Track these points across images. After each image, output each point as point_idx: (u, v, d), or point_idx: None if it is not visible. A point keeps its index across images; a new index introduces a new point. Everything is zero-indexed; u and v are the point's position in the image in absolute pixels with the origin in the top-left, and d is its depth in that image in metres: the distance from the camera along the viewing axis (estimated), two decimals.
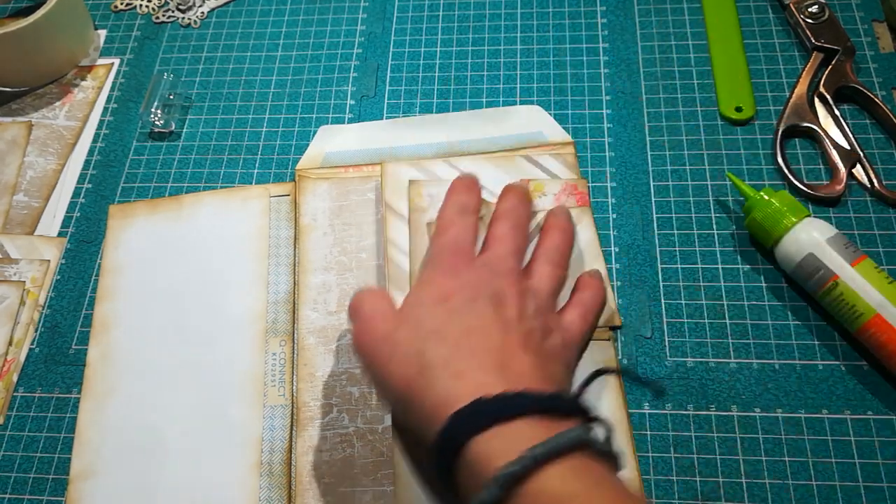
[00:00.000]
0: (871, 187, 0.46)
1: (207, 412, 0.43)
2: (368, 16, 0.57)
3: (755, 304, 0.43)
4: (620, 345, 0.42)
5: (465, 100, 0.52)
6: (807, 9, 0.51)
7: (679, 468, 0.39)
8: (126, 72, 0.57)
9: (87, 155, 0.53)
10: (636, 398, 0.41)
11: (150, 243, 0.49)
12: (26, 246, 0.50)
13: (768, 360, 0.41)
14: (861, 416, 0.39)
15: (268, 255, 0.47)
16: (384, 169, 0.47)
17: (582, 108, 0.51)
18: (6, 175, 0.53)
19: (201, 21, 0.59)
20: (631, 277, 0.44)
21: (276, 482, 0.40)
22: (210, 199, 0.50)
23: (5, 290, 0.48)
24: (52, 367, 0.45)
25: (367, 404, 0.42)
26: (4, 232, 0.50)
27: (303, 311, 0.45)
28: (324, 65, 0.55)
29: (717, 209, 0.46)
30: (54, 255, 0.49)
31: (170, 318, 0.46)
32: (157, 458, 0.42)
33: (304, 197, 0.48)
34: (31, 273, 0.49)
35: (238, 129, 0.53)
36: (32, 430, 0.44)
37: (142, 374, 0.44)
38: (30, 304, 0.48)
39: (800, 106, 0.48)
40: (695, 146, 0.49)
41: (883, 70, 0.50)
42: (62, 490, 0.42)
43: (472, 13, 0.56)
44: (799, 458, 0.39)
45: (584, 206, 0.46)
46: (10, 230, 0.51)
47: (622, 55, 0.53)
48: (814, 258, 0.40)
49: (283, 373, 0.43)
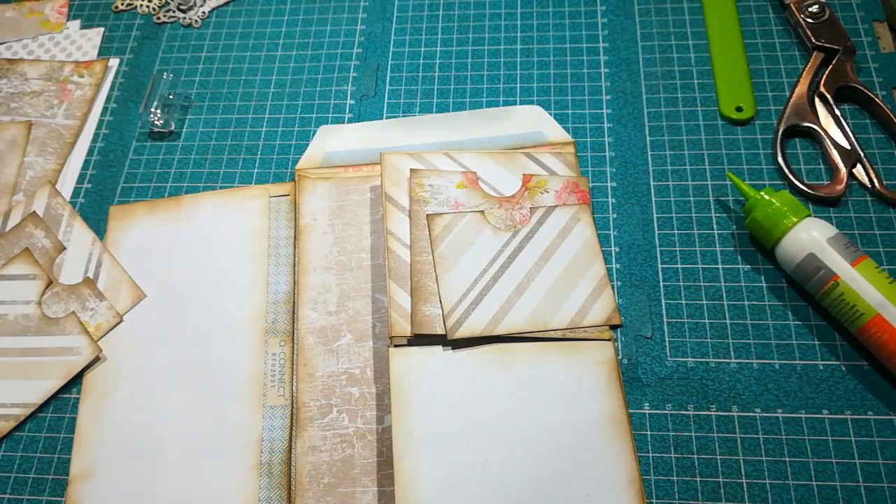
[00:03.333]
0: (871, 187, 0.46)
1: (207, 412, 0.43)
2: (368, 16, 0.57)
3: (755, 304, 0.43)
4: (620, 345, 0.42)
5: (465, 100, 0.52)
6: (807, 8, 0.51)
7: (679, 468, 0.39)
8: (126, 71, 0.57)
9: (87, 155, 0.53)
10: (636, 398, 0.41)
11: (149, 244, 0.49)
12: None
13: (769, 360, 0.41)
14: (861, 416, 0.39)
15: (267, 255, 0.47)
16: (384, 160, 0.47)
17: (582, 108, 0.51)
18: (6, 175, 0.53)
19: (201, 21, 0.59)
20: (631, 277, 0.44)
21: (276, 482, 0.40)
22: (210, 200, 0.50)
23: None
24: None
25: (367, 404, 0.42)
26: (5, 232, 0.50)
27: (302, 311, 0.45)
28: (324, 65, 0.55)
29: (717, 209, 0.46)
30: None
31: (169, 318, 0.46)
32: (157, 458, 0.42)
33: (304, 197, 0.48)
34: None
35: (238, 129, 0.53)
36: (32, 431, 0.44)
37: (142, 375, 0.44)
38: None
39: (800, 106, 0.48)
40: (695, 146, 0.49)
41: (883, 70, 0.50)
42: (62, 490, 0.42)
43: (472, 13, 0.56)
44: (799, 458, 0.39)
45: (584, 204, 0.46)
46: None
47: (622, 55, 0.53)
48: (814, 258, 0.40)
49: (283, 373, 0.43)
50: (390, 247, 0.44)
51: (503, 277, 0.43)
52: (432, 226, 0.45)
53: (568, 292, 0.43)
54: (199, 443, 0.42)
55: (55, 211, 0.51)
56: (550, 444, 0.39)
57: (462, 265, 0.44)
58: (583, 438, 0.39)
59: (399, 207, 0.46)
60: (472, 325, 0.42)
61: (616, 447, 0.39)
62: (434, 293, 0.43)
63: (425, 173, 0.47)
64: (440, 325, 0.42)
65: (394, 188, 0.46)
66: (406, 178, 0.47)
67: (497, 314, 0.42)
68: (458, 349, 0.42)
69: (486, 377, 0.41)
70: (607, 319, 0.42)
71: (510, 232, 0.45)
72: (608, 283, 0.43)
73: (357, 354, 0.43)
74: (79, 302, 0.47)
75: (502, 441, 0.39)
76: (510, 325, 0.42)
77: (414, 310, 0.42)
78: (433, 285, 0.43)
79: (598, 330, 0.42)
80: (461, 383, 0.41)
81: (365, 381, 0.43)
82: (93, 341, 0.45)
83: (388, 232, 0.45)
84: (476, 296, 0.43)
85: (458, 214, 0.45)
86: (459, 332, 0.42)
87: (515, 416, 0.40)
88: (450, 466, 0.39)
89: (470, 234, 0.45)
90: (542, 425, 0.40)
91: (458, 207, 0.46)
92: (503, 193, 0.46)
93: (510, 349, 0.42)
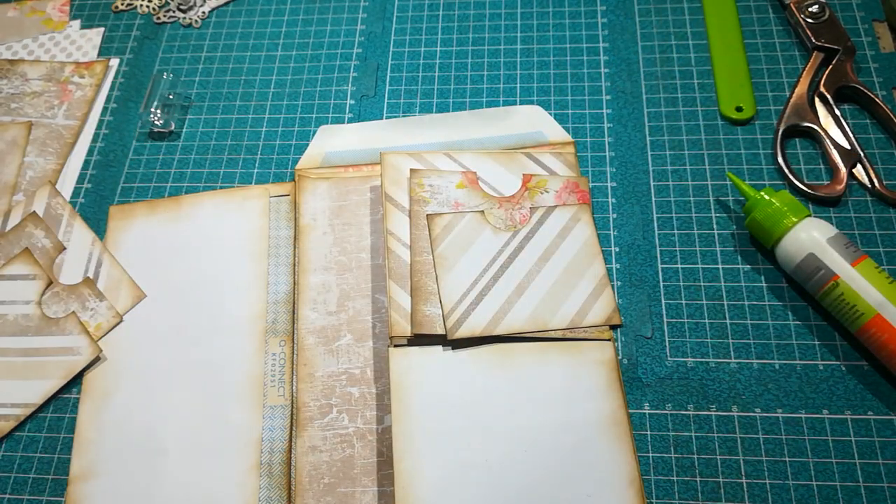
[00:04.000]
0: (871, 187, 0.46)
1: (207, 412, 0.43)
2: (368, 16, 0.57)
3: (755, 304, 0.43)
4: (620, 345, 0.42)
5: (465, 100, 0.52)
6: (807, 8, 0.51)
7: (679, 468, 0.39)
8: (126, 71, 0.57)
9: (87, 155, 0.53)
10: (636, 398, 0.41)
11: (149, 244, 0.49)
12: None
13: (769, 360, 0.41)
14: (861, 416, 0.39)
15: (267, 255, 0.47)
16: (384, 160, 0.47)
17: (582, 108, 0.51)
18: (6, 175, 0.53)
19: (201, 21, 0.59)
20: (631, 277, 0.44)
21: (276, 482, 0.40)
22: (209, 200, 0.50)
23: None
24: None
25: (367, 404, 0.42)
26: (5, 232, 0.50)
27: (302, 311, 0.45)
28: (324, 65, 0.55)
29: (717, 209, 0.46)
30: None
31: (169, 318, 0.46)
32: (157, 458, 0.42)
33: (304, 197, 0.48)
34: None
35: (238, 129, 0.53)
36: (32, 431, 0.44)
37: (142, 375, 0.44)
38: None
39: (800, 106, 0.48)
40: (695, 146, 0.48)
41: (883, 70, 0.50)
42: (62, 490, 0.42)
43: (472, 13, 0.56)
44: (799, 458, 0.39)
45: (584, 204, 0.46)
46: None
47: (622, 55, 0.53)
48: (814, 258, 0.40)
49: (283, 373, 0.43)
50: (390, 247, 0.44)
51: (503, 277, 0.43)
52: (432, 226, 0.45)
53: (568, 292, 0.43)
54: (199, 443, 0.42)
55: (55, 211, 0.51)
56: (550, 444, 0.39)
57: (462, 265, 0.44)
58: (583, 438, 0.39)
59: (399, 207, 0.46)
60: (472, 325, 0.42)
61: (616, 447, 0.39)
62: (434, 293, 0.43)
63: (425, 173, 0.47)
64: (440, 325, 0.42)
65: (394, 188, 0.46)
66: (406, 178, 0.47)
67: (497, 314, 0.42)
68: (458, 349, 0.42)
69: (486, 377, 0.41)
70: (607, 319, 0.42)
71: (510, 232, 0.45)
72: (608, 283, 0.43)
73: (357, 354, 0.43)
74: (79, 302, 0.47)
75: (502, 441, 0.39)
76: (510, 325, 0.42)
77: (414, 310, 0.42)
78: (433, 285, 0.43)
79: (598, 330, 0.42)
80: (461, 383, 0.41)
81: (365, 381, 0.43)
82: (93, 341, 0.45)
83: (388, 232, 0.45)
84: (476, 296, 0.43)
85: (458, 214, 0.45)
86: (459, 332, 0.42)
87: (515, 416, 0.40)
88: (450, 466, 0.39)
89: (470, 234, 0.45)
90: (542, 425, 0.40)
91: (458, 207, 0.46)
92: (503, 193, 0.46)
93: (510, 349, 0.42)
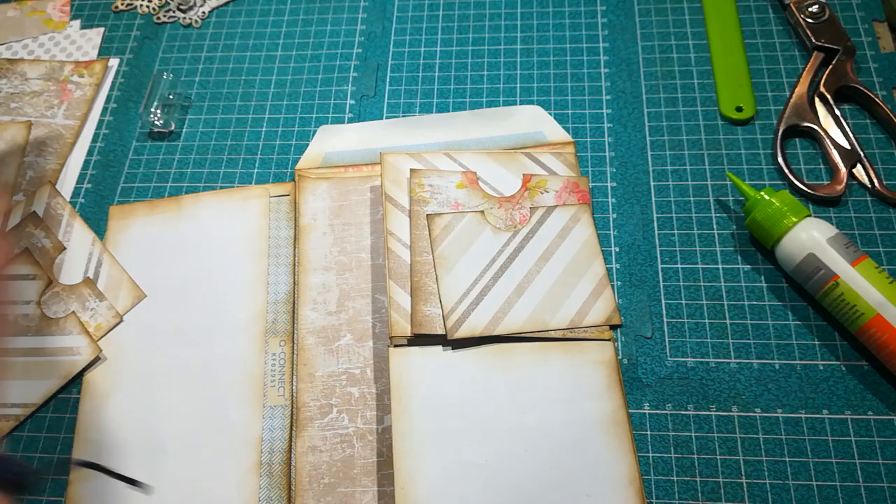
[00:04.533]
0: (871, 187, 0.46)
1: (207, 412, 0.43)
2: (368, 16, 0.57)
3: (755, 304, 0.43)
4: (620, 345, 0.42)
5: (465, 100, 0.52)
6: (807, 8, 0.51)
7: (679, 468, 0.39)
8: (126, 71, 0.57)
9: (87, 155, 0.53)
10: (636, 398, 0.41)
11: (149, 244, 0.49)
12: None
13: (769, 360, 0.41)
14: (861, 416, 0.39)
15: (267, 255, 0.47)
16: (384, 160, 0.47)
17: (582, 108, 0.51)
18: (6, 175, 0.53)
19: (201, 21, 0.59)
20: (631, 277, 0.44)
21: (276, 482, 0.40)
22: (209, 200, 0.50)
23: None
24: None
25: (367, 404, 0.42)
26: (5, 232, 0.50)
27: (302, 311, 0.45)
28: (324, 65, 0.55)
29: (717, 209, 0.46)
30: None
31: (170, 318, 0.46)
32: (156, 458, 0.42)
33: (304, 197, 0.48)
34: None
35: (238, 129, 0.53)
36: (32, 431, 0.44)
37: (142, 374, 0.44)
38: None
39: (800, 106, 0.48)
40: (695, 146, 0.48)
41: (883, 70, 0.50)
42: (62, 490, 0.42)
43: (472, 13, 0.56)
44: (799, 458, 0.39)
45: (584, 204, 0.46)
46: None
47: (622, 55, 0.53)
48: (814, 258, 0.40)
49: (283, 373, 0.43)
50: (390, 247, 0.44)
51: (503, 277, 0.43)
52: (432, 226, 0.45)
53: (568, 292, 0.43)
54: (199, 443, 0.42)
55: (55, 211, 0.51)
56: (550, 444, 0.39)
57: (462, 265, 0.44)
58: (583, 438, 0.39)
59: (399, 207, 0.46)
60: (472, 325, 0.42)
61: (616, 447, 0.39)
62: (434, 293, 0.43)
63: (425, 173, 0.47)
64: (440, 325, 0.42)
65: (394, 188, 0.46)
66: (406, 178, 0.47)
67: (497, 314, 0.42)
68: (458, 349, 0.42)
69: (486, 377, 0.41)
70: (607, 319, 0.42)
71: (510, 232, 0.45)
72: (608, 283, 0.43)
73: (357, 354, 0.43)
74: (79, 302, 0.47)
75: (502, 441, 0.39)
76: (510, 325, 0.42)
77: (414, 310, 0.42)
78: (433, 285, 0.43)
79: (598, 330, 0.42)
80: (461, 383, 0.41)
81: (365, 381, 0.43)
82: (93, 341, 0.45)
83: (388, 232, 0.45)
84: (476, 296, 0.43)
85: (458, 214, 0.45)
86: (459, 332, 0.42)
87: (515, 416, 0.40)
88: (449, 466, 0.39)
89: (470, 234, 0.45)
90: (542, 425, 0.40)
91: (458, 207, 0.46)
92: (503, 193, 0.46)
93: (510, 349, 0.42)
